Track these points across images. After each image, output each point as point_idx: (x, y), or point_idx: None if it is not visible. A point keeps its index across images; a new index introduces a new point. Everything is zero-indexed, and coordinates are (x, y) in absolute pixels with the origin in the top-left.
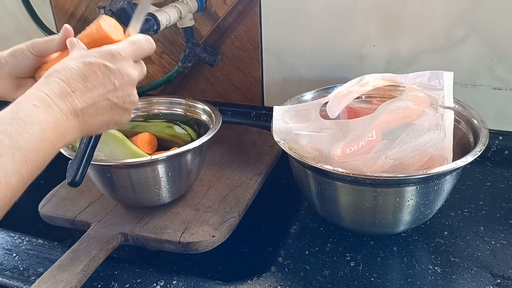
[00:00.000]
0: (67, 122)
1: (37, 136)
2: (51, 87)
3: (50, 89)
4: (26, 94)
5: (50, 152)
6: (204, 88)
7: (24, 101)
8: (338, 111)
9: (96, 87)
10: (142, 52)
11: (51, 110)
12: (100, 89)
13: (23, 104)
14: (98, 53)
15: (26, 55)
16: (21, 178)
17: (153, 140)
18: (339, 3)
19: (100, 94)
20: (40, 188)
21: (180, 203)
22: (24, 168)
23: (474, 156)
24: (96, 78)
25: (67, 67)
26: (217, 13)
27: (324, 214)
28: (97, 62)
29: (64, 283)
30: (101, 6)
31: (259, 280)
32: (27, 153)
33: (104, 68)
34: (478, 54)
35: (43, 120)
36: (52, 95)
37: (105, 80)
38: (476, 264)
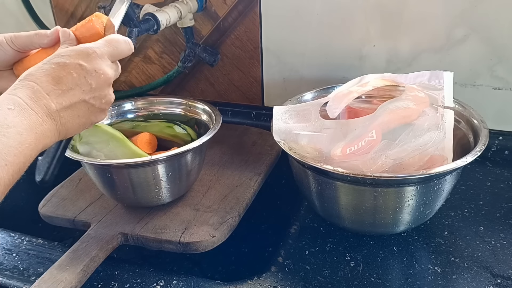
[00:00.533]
0: (43, 125)
1: (14, 139)
2: (24, 91)
3: (24, 93)
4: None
5: (29, 154)
6: (204, 88)
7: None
8: (338, 111)
9: (71, 88)
10: (119, 53)
11: (26, 113)
12: (76, 91)
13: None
14: (73, 52)
15: (5, 50)
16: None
17: (153, 140)
18: (339, 3)
19: (76, 96)
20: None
21: (180, 203)
22: (4, 172)
23: (474, 156)
24: (72, 80)
25: (41, 69)
26: (217, 13)
27: (324, 214)
28: (72, 63)
29: (64, 283)
30: (101, 6)
31: (259, 280)
32: (6, 157)
33: (80, 69)
34: (478, 54)
35: (19, 123)
36: (26, 99)
37: (81, 81)
38: (476, 264)
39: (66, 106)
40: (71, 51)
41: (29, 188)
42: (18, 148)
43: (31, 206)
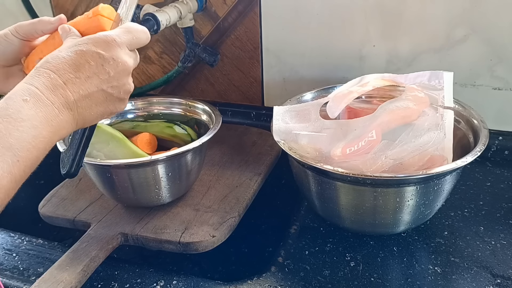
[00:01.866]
0: (60, 116)
1: (28, 133)
2: (41, 80)
3: (40, 82)
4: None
5: (43, 148)
6: (204, 88)
7: (13, 96)
8: (338, 111)
9: (89, 77)
10: (138, 42)
11: (42, 105)
12: (94, 80)
13: (12, 100)
14: (91, 40)
15: (11, 40)
16: (13, 178)
17: (153, 140)
18: (339, 3)
19: (94, 84)
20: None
21: (180, 203)
22: (16, 168)
23: (474, 156)
24: (89, 68)
25: (58, 57)
26: (217, 13)
27: (324, 214)
28: (90, 50)
29: (64, 283)
30: None
31: (259, 280)
32: (19, 152)
33: (98, 57)
34: (478, 54)
35: (34, 115)
36: (43, 88)
37: (99, 69)
38: (476, 264)
39: (84, 95)
40: (88, 39)
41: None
42: (32, 143)
43: (31, 206)
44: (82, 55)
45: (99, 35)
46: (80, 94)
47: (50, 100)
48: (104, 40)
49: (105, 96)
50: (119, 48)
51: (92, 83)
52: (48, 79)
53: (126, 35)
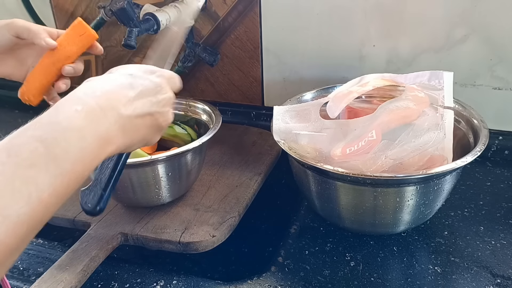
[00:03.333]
0: (111, 130)
1: (75, 145)
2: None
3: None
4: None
5: (90, 163)
6: (204, 88)
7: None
8: (338, 111)
9: (142, 96)
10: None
11: (93, 115)
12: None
13: (63, 107)
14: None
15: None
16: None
17: None
18: (339, 3)
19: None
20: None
21: (180, 203)
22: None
23: (474, 156)
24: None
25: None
26: (217, 13)
27: (324, 214)
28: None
29: (64, 283)
30: (101, 6)
31: (259, 280)
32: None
33: (148, 81)
34: (478, 54)
35: (84, 126)
36: (98, 100)
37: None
38: (476, 264)
39: (137, 114)
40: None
41: None
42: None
43: None
44: (135, 78)
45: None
46: (134, 111)
47: (104, 111)
48: (150, 69)
49: (152, 121)
50: (164, 79)
51: (145, 104)
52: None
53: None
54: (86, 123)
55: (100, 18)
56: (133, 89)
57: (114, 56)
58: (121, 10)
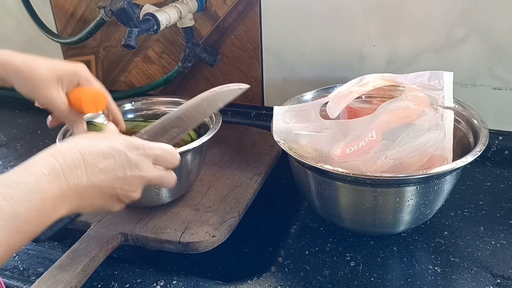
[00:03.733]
0: (68, 196)
1: (36, 207)
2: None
3: (64, 159)
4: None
5: (43, 223)
6: (204, 88)
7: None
8: (338, 111)
9: (107, 171)
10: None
11: (57, 182)
12: (110, 175)
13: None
14: (125, 141)
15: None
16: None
17: None
18: (339, 3)
19: (108, 179)
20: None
21: (180, 203)
22: (14, 238)
23: (474, 156)
24: (112, 163)
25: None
26: (217, 13)
27: (324, 214)
28: (119, 149)
29: (64, 283)
30: (101, 6)
31: (259, 280)
32: (22, 223)
33: (124, 157)
34: (478, 54)
35: (47, 190)
36: (64, 166)
37: (119, 168)
38: (476, 264)
39: (95, 185)
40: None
41: None
42: (36, 216)
43: None
44: (111, 149)
45: (133, 139)
46: (92, 182)
47: (66, 179)
48: (134, 145)
49: (111, 193)
50: (145, 157)
51: (107, 177)
52: (73, 159)
53: (155, 150)
54: (49, 188)
55: (100, 18)
56: (103, 161)
57: (114, 56)
58: (121, 10)
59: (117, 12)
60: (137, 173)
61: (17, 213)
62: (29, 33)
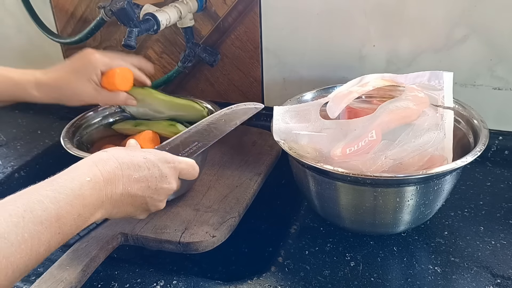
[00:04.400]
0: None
1: (77, 211)
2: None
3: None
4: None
5: (80, 226)
6: (204, 88)
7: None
8: (338, 111)
9: (141, 181)
10: (188, 174)
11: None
12: (144, 185)
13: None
14: (157, 154)
15: None
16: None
17: (156, 138)
18: (339, 3)
19: (141, 188)
20: None
21: (180, 203)
22: (54, 239)
23: (474, 156)
24: (146, 174)
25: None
26: (217, 13)
27: (324, 214)
28: (153, 161)
29: (64, 283)
30: (101, 6)
31: (259, 280)
32: (63, 226)
33: (156, 168)
34: (478, 54)
35: (88, 196)
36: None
37: (152, 179)
38: (476, 264)
39: (130, 194)
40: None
41: None
42: (76, 220)
43: None
44: (146, 161)
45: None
46: (127, 190)
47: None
48: (167, 159)
49: (142, 202)
50: (174, 170)
51: (141, 187)
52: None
53: (183, 164)
54: (90, 193)
55: (100, 18)
56: (138, 171)
57: None
58: (121, 10)
59: (117, 12)
60: (166, 185)
61: (60, 216)
62: (29, 33)
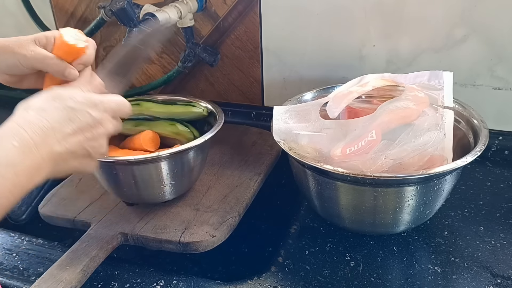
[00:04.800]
0: (42, 166)
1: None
2: (33, 127)
3: (32, 129)
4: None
5: (18, 195)
6: (204, 88)
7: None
8: (338, 111)
9: (77, 133)
10: (120, 112)
11: (30, 154)
12: (80, 136)
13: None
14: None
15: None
16: None
17: (156, 138)
18: (339, 3)
19: (79, 140)
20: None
21: (180, 203)
22: None
23: (474, 156)
24: (79, 124)
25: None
26: (217, 13)
27: (324, 214)
28: (82, 109)
29: (64, 283)
30: (101, 6)
31: (259, 280)
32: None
33: (88, 115)
34: (478, 54)
35: (19, 163)
36: (34, 136)
37: (86, 127)
38: (476, 264)
39: (69, 150)
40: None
41: None
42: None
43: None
44: (75, 110)
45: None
46: (66, 148)
47: (39, 150)
48: (94, 102)
49: (84, 153)
50: (105, 112)
51: (79, 139)
52: (40, 127)
53: (111, 103)
54: (21, 159)
55: (100, 18)
56: (70, 125)
57: None
58: (121, 10)
59: (117, 12)
60: (102, 130)
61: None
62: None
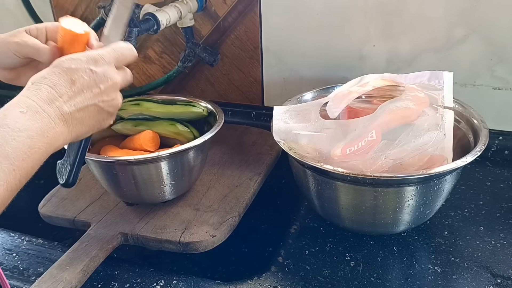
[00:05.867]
0: (55, 128)
1: (24, 143)
2: (38, 93)
3: (37, 95)
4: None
5: (38, 159)
6: (204, 88)
7: (11, 108)
8: (338, 111)
9: (82, 91)
10: (125, 59)
11: (38, 116)
12: (87, 93)
13: (9, 111)
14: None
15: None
16: (9, 186)
17: (156, 138)
18: (339, 3)
19: (87, 98)
20: (40, 188)
21: (180, 203)
22: (11, 177)
23: (474, 156)
24: (83, 82)
25: (54, 72)
26: (217, 13)
27: (324, 214)
28: (82, 67)
29: (64, 283)
30: (101, 6)
31: (259, 280)
32: (15, 161)
33: (90, 72)
34: (478, 54)
35: (30, 126)
36: (40, 101)
37: (91, 84)
38: (476, 264)
39: (79, 109)
40: (81, 55)
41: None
42: (28, 152)
43: (31, 206)
44: (76, 71)
45: (88, 53)
46: (75, 107)
47: (47, 112)
48: (93, 58)
49: (97, 109)
50: (107, 65)
51: (86, 97)
52: (45, 93)
53: (113, 53)
54: (31, 124)
55: (100, 18)
56: (74, 84)
57: None
58: None
59: None
60: (109, 83)
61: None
62: None
